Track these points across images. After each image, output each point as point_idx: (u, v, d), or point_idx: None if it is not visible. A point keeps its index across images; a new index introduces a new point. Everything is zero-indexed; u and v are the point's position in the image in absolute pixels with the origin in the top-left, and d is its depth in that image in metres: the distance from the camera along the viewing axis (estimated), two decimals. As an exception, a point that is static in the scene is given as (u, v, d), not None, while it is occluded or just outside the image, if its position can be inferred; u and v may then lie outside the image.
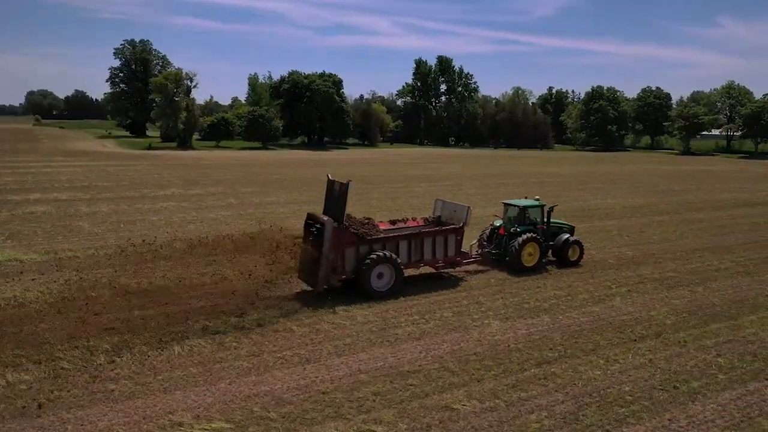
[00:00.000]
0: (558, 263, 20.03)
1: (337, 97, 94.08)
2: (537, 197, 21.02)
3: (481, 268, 19.29)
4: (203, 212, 29.48)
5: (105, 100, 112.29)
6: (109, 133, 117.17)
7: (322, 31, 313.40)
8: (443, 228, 17.94)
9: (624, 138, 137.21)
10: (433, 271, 18.06)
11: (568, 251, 19.88)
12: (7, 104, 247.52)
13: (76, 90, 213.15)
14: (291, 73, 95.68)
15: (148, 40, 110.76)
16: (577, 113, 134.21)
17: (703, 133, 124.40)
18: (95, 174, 45.61)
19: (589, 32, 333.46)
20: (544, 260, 19.64)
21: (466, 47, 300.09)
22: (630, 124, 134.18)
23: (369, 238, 16.16)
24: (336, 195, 16.14)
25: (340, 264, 15.72)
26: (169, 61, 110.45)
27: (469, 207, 18.45)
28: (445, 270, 18.45)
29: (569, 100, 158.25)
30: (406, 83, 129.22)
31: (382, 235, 16.67)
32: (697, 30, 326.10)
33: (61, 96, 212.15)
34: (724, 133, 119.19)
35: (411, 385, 11.12)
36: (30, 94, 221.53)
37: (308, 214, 16.80)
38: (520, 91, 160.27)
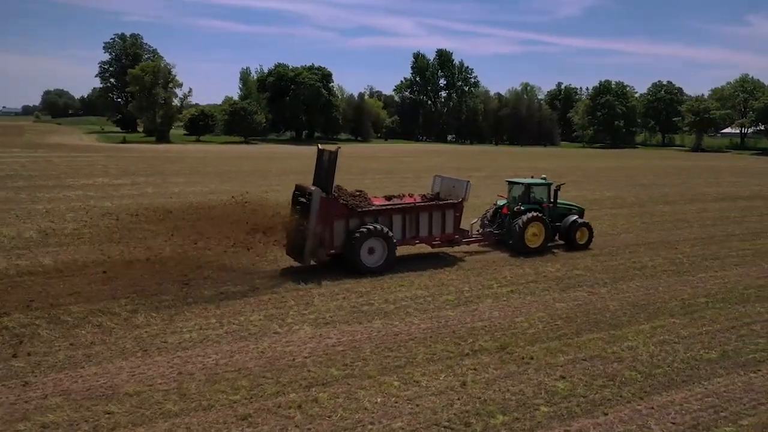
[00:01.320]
0: (565, 246, 18.82)
1: (324, 91, 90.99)
2: (544, 176, 19.64)
3: (482, 248, 18.35)
4: (101, 201, 26.96)
5: (94, 95, 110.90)
6: (102, 129, 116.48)
7: (346, 32, 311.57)
8: (440, 202, 17.00)
9: (635, 135, 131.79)
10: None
11: (575, 234, 18.76)
12: (30, 104, 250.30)
13: (93, 88, 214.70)
14: (276, 66, 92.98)
15: (138, 34, 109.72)
16: (584, 109, 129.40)
17: (725, 131, 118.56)
18: (36, 164, 43.71)
19: (615, 32, 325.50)
20: (550, 244, 18.55)
21: (491, 48, 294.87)
22: (639, 121, 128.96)
23: (360, 210, 15.26)
24: (325, 165, 15.28)
25: (329, 237, 14.90)
26: (161, 56, 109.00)
27: (468, 182, 17.20)
28: (443, 249, 17.42)
29: (578, 96, 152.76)
30: (404, 78, 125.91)
31: (374, 208, 15.71)
32: (726, 29, 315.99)
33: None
34: (737, 130, 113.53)
35: (109, 413, 8.17)
36: (46, 94, 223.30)
37: (296, 185, 16.04)
38: (528, 87, 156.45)
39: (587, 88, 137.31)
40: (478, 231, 18.69)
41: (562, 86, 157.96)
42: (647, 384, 9.42)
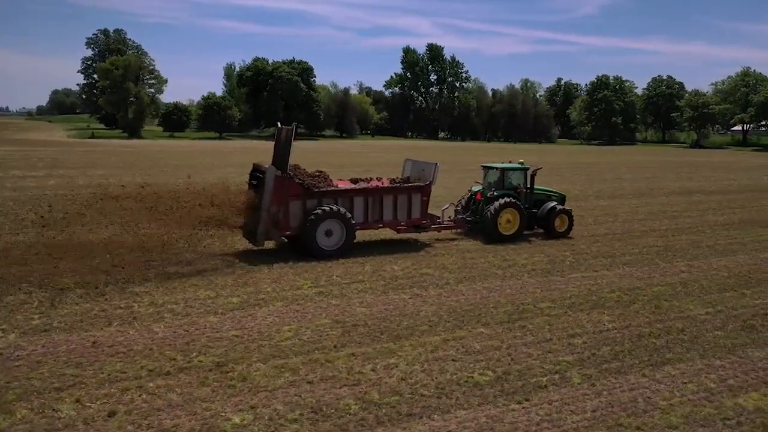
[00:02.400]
0: (545, 234, 18.03)
1: (303, 86, 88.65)
2: (521, 160, 18.87)
3: (453, 235, 17.78)
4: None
5: (80, 92, 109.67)
6: (89, 126, 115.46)
7: (364, 32, 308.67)
8: (405, 185, 16.30)
9: (635, 131, 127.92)
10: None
11: (554, 221, 17.97)
12: (44, 105, 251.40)
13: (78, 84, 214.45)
14: (254, 60, 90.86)
15: (122, 30, 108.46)
16: (581, 105, 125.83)
17: (735, 128, 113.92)
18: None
19: (635, 31, 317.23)
20: (528, 231, 17.96)
21: (508, 47, 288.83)
22: (639, 117, 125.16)
23: (317, 190, 14.62)
24: (282, 143, 14.98)
25: (284, 218, 14.33)
26: (145, 51, 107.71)
27: (436, 164, 16.44)
28: (410, 235, 16.83)
29: (577, 92, 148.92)
30: (394, 73, 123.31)
31: (333, 189, 15.03)
32: (748, 27, 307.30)
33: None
34: (740, 127, 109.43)
35: None
36: (54, 93, 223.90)
37: (254, 164, 15.55)
38: (528, 83, 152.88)
39: (586, 84, 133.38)
40: (449, 218, 17.96)
41: (562, 82, 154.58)
42: (365, 417, 7.12)
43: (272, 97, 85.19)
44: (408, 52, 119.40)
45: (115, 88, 75.71)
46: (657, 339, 9.89)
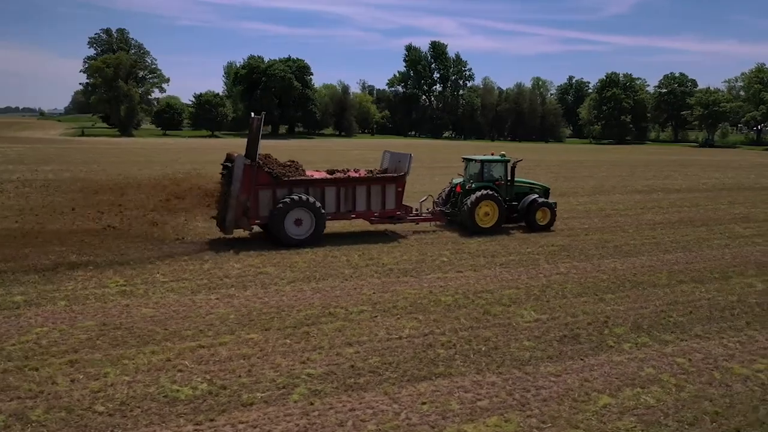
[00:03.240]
0: (526, 228, 17.75)
1: (297, 83, 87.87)
2: (503, 152, 18.59)
3: (433, 228, 17.67)
4: None
5: (81, 92, 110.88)
6: (93, 125, 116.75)
7: (390, 33, 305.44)
8: (378, 176, 16.38)
9: (646, 130, 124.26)
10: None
11: (535, 214, 17.72)
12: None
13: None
14: (249, 58, 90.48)
15: (124, 29, 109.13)
16: (590, 103, 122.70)
17: (760, 127, 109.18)
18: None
19: (665, 29, 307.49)
20: (513, 225, 17.93)
21: (534, 47, 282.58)
22: (650, 115, 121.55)
23: (286, 179, 14.66)
24: (252, 132, 15.27)
25: (253, 207, 14.44)
26: (147, 51, 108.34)
27: (410, 155, 16.40)
28: (386, 226, 16.84)
29: (589, 90, 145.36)
30: (398, 71, 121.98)
31: (303, 178, 15.10)
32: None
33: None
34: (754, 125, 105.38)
35: None
36: (76, 94, 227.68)
37: (227, 154, 15.62)
38: (540, 82, 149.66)
39: (596, 83, 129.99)
40: (428, 210, 18.04)
41: (573, 80, 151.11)
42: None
43: (266, 95, 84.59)
44: (411, 49, 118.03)
45: (107, 87, 75.94)
46: (447, 350, 8.68)
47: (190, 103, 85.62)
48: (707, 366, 8.36)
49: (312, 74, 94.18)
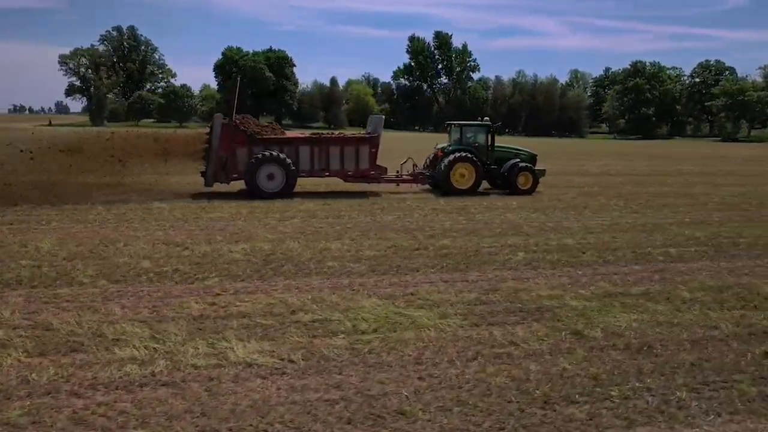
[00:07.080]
0: (508, 192, 18.34)
1: (270, 75, 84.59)
2: (486, 118, 19.84)
3: (415, 188, 18.82)
4: None
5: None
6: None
7: (486, 33, 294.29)
8: (350, 137, 17.86)
9: (674, 124, 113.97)
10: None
11: (517, 178, 18.29)
12: None
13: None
14: (226, 50, 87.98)
15: (134, 26, 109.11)
16: (614, 95, 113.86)
17: None
18: None
19: None
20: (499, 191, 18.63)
21: (641, 45, 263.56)
22: (679, 108, 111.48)
23: (260, 137, 16.04)
24: (229, 94, 16.24)
25: (231, 163, 15.94)
26: (156, 47, 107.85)
27: (382, 116, 18.09)
28: (367, 186, 17.79)
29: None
30: (402, 64, 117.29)
31: (277, 137, 16.50)
32: None
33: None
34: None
35: None
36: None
37: (214, 114, 17.02)
38: (578, 74, 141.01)
39: (619, 71, 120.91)
40: (408, 172, 18.87)
41: (610, 72, 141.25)
42: None
43: (239, 87, 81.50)
44: (414, 40, 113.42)
45: (82, 81, 76.50)
46: None
47: (159, 94, 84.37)
48: None
49: (294, 66, 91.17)
